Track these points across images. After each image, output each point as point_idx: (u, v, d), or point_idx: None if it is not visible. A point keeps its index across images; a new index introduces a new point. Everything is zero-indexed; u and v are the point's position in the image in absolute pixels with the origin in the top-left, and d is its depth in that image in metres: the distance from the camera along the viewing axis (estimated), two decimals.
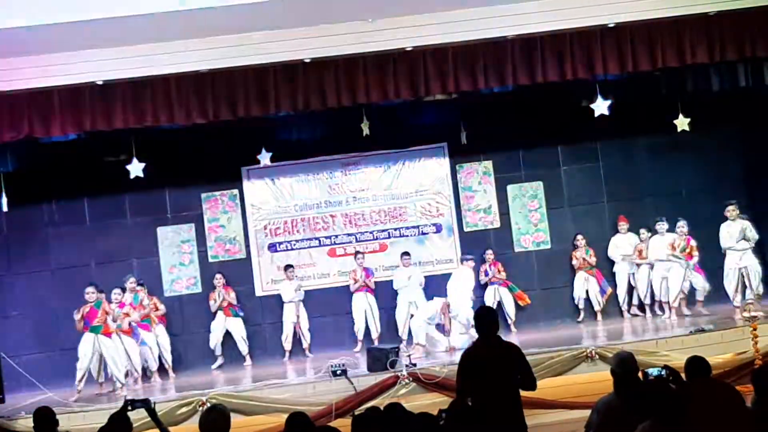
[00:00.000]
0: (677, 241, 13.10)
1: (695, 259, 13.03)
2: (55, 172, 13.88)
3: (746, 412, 5.27)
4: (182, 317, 14.39)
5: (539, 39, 11.30)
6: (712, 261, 13.22)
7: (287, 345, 14.02)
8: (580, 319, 14.26)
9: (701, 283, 13.11)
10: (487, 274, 14.25)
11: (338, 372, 10.49)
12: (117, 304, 12.37)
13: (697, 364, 5.95)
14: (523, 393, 9.65)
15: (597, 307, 14.13)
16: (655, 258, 13.43)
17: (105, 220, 14.61)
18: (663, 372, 5.43)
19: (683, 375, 5.97)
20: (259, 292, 14.71)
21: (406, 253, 14.17)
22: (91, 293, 12.17)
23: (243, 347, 13.93)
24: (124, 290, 12.98)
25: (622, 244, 14.28)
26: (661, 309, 13.45)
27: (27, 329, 14.09)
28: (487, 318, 6.72)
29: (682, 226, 13.12)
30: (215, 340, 13.92)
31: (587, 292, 14.19)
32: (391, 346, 11.14)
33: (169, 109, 11.13)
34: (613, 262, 14.42)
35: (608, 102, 12.46)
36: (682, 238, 13.10)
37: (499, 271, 14.25)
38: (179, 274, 14.62)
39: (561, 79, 11.46)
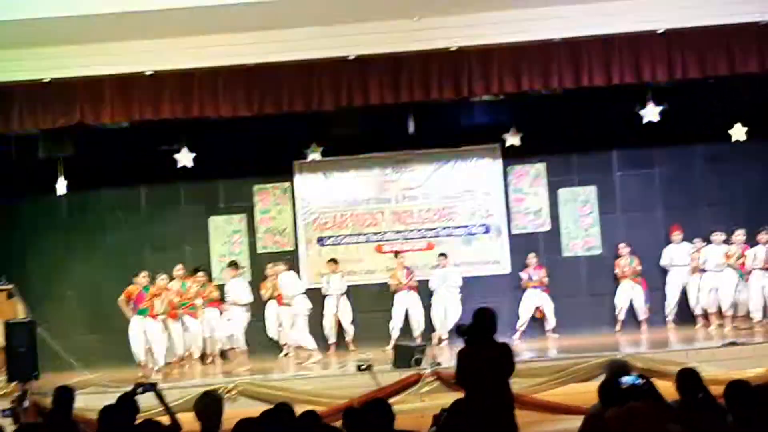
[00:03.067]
0: (732, 250, 12.86)
1: (748, 268, 12.81)
2: (113, 158, 14.28)
3: None
4: None
5: (586, 42, 11.24)
6: None
7: (331, 338, 14.14)
8: (617, 329, 14.02)
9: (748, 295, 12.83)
10: (531, 279, 14.13)
11: (363, 367, 10.57)
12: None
13: (687, 376, 5.85)
14: (548, 398, 9.78)
15: (642, 317, 13.92)
16: (706, 268, 13.21)
17: (160, 208, 14.99)
18: (638, 381, 5.38)
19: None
20: (305, 285, 14.82)
21: (443, 254, 14.15)
22: (143, 277, 12.49)
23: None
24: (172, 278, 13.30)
25: (676, 255, 14.01)
26: (707, 319, 13.26)
27: (81, 310, 14.50)
28: (489, 319, 6.72)
29: (740, 234, 12.92)
30: (273, 328, 13.98)
31: (631, 301, 14.00)
32: (417, 344, 11.18)
33: (215, 101, 11.41)
34: (665, 272, 14.17)
35: (659, 108, 12.33)
36: (738, 246, 12.90)
37: (543, 276, 14.11)
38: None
39: (607, 84, 11.41)
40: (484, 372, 6.49)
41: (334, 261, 14.35)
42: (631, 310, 14.08)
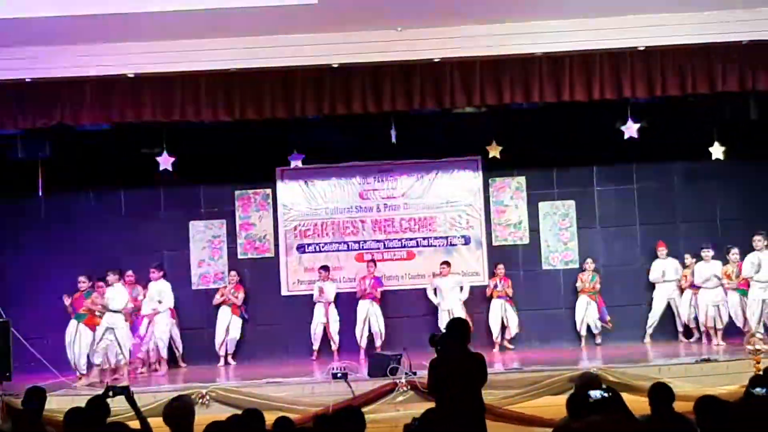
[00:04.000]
0: (731, 269, 12.96)
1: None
2: (94, 161, 14.29)
3: None
4: (207, 311, 14.54)
5: (568, 57, 11.31)
6: None
7: (315, 344, 14.15)
8: (582, 345, 14.11)
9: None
10: (496, 287, 14.23)
11: (339, 375, 10.59)
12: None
13: (660, 390, 5.89)
14: (521, 410, 9.82)
15: (595, 331, 14.06)
16: (702, 284, 13.30)
17: (140, 211, 14.91)
18: (606, 394, 5.41)
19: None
20: (284, 292, 14.89)
21: (446, 263, 14.13)
22: (83, 282, 12.53)
23: (231, 348, 14.15)
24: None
25: (665, 269, 14.04)
26: (708, 336, 13.40)
27: (58, 312, 14.38)
28: (462, 328, 6.77)
29: (735, 253, 13.00)
30: (220, 337, 14.05)
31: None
32: (393, 353, 11.20)
33: (197, 105, 11.40)
34: (653, 287, 14.21)
35: (638, 125, 12.39)
36: (735, 265, 12.98)
37: (508, 287, 14.21)
38: (208, 268, 14.85)
39: (588, 99, 11.44)
40: (456, 382, 6.52)
41: (326, 268, 14.36)
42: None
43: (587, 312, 14.05)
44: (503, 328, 14.16)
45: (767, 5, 10.77)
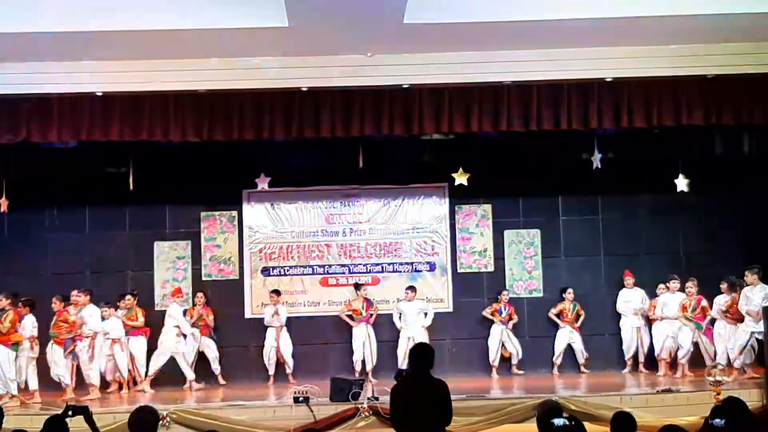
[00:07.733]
0: (688, 301, 13.02)
1: (707, 320, 12.90)
2: (59, 178, 14.13)
3: None
4: None
5: (536, 87, 11.37)
6: None
7: (270, 369, 14.08)
8: (555, 372, 14.21)
9: (707, 346, 12.91)
10: (501, 313, 14.24)
11: (300, 399, 10.52)
12: (57, 313, 12.55)
13: (622, 419, 5.92)
14: None
15: (581, 360, 14.14)
16: (663, 315, 13.38)
17: (104, 230, 14.82)
18: (568, 422, 5.43)
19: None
20: (248, 314, 14.81)
21: (411, 287, 14.19)
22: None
23: (216, 367, 14.02)
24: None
25: (631, 299, 14.13)
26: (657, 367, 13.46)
27: None
28: (425, 355, 6.74)
29: (691, 286, 13.06)
30: (191, 359, 13.82)
31: (570, 345, 14.19)
32: (356, 378, 11.17)
33: (165, 125, 11.32)
34: (619, 316, 14.29)
35: (600, 155, 12.48)
36: (692, 298, 13.02)
37: (511, 315, 14.29)
38: (171, 289, 14.70)
39: (555, 129, 11.49)
40: (417, 408, 6.48)
41: (277, 292, 14.29)
42: (570, 355, 14.28)
43: (572, 342, 14.18)
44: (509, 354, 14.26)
45: (732, 40, 10.90)
